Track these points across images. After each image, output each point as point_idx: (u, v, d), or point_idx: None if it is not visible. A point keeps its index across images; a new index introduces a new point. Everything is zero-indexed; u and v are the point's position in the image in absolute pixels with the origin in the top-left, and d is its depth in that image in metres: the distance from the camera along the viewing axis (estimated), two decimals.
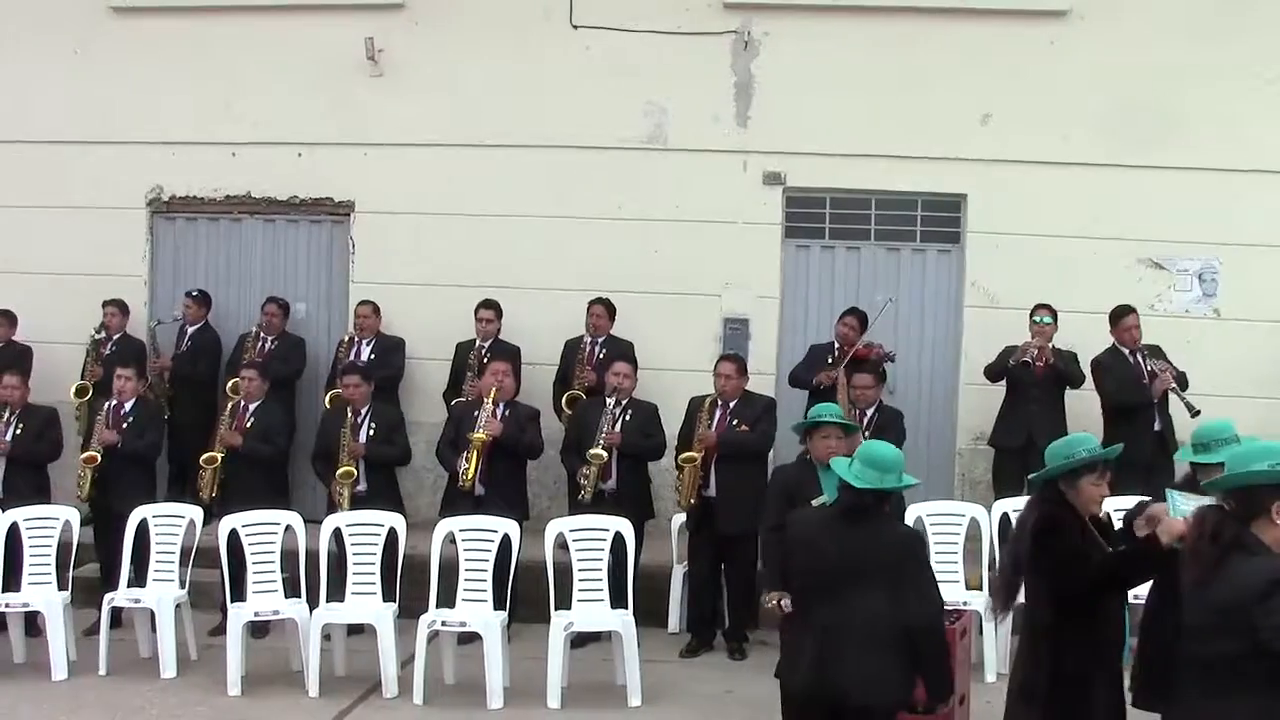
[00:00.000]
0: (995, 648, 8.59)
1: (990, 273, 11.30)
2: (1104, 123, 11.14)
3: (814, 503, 6.87)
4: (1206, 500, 4.81)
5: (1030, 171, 11.19)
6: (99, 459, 9.71)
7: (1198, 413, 9.90)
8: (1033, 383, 10.31)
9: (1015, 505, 8.96)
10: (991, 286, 11.30)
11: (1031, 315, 10.40)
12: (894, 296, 11.28)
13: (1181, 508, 5.14)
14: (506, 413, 9.56)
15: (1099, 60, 11.16)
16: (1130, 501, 5.88)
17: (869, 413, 9.36)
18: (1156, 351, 10.42)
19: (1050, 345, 10.37)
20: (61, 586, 9.23)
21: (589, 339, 11.02)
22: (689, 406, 9.59)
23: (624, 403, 9.59)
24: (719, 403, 9.42)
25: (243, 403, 9.97)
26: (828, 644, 5.43)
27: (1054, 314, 10.41)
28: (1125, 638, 5.59)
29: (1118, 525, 5.63)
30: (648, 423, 9.65)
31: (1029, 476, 5.81)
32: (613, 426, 9.47)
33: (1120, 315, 10.41)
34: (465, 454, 9.37)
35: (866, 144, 11.37)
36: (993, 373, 10.54)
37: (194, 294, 11.87)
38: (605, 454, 9.37)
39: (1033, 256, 11.14)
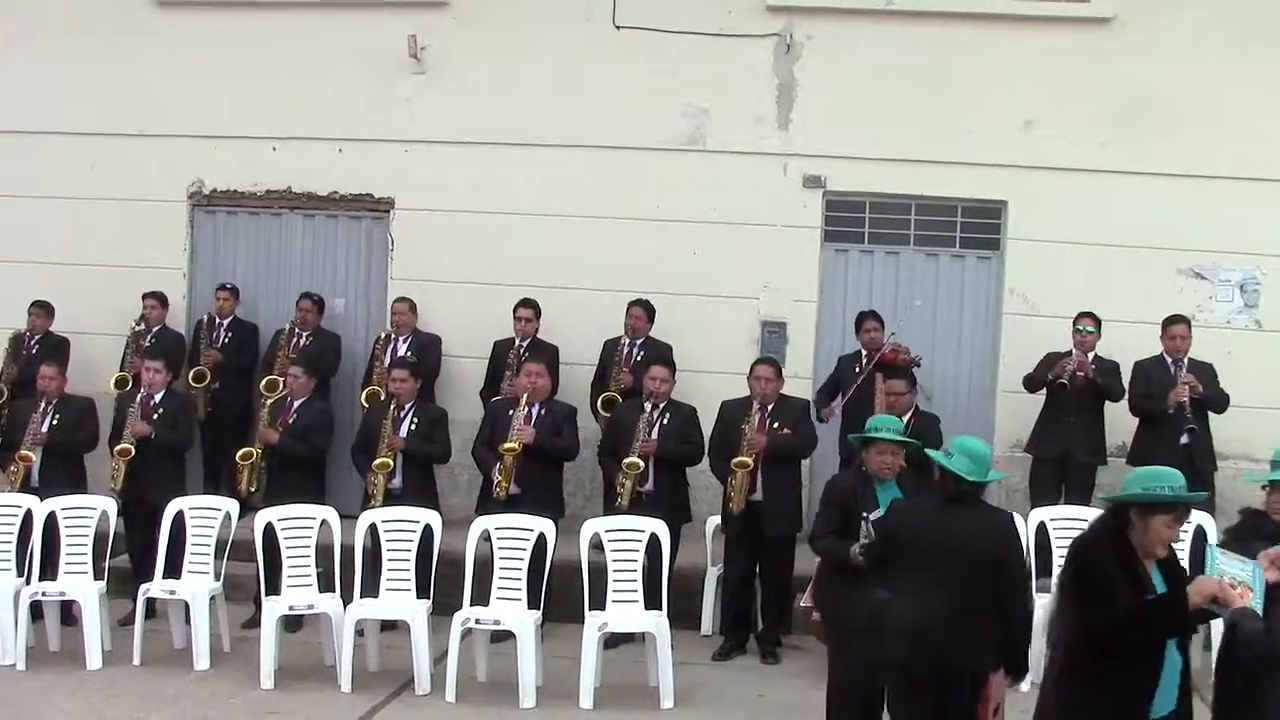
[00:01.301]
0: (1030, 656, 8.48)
1: (1029, 280, 11.26)
2: (1146, 131, 11.08)
3: (870, 517, 6.81)
4: (1251, 564, 4.67)
5: (1071, 179, 11.15)
6: (133, 451, 9.75)
7: (1193, 431, 9.84)
8: (1072, 394, 10.23)
9: (1052, 515, 8.99)
10: (1030, 294, 11.26)
11: (1074, 324, 10.34)
12: (920, 302, 11.22)
13: (1221, 567, 4.85)
14: (543, 412, 9.56)
15: (1141, 68, 11.10)
16: None
17: (905, 418, 9.28)
18: (1206, 369, 10.27)
19: (1093, 354, 10.30)
20: (97, 576, 9.29)
21: (627, 340, 11.01)
22: (721, 411, 9.54)
23: (661, 406, 9.56)
24: (756, 406, 9.38)
25: (289, 399, 9.98)
26: (937, 618, 5.78)
27: (1097, 323, 10.34)
28: (1174, 683, 5.11)
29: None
30: (685, 427, 9.61)
31: (1101, 496, 5.74)
32: (650, 432, 9.44)
33: (1169, 324, 10.33)
34: (499, 465, 9.38)
35: (907, 149, 11.34)
36: (1031, 384, 10.48)
37: (228, 287, 11.92)
38: (641, 463, 9.35)
39: (1072, 264, 11.10)
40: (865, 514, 6.81)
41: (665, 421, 9.53)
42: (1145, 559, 5.05)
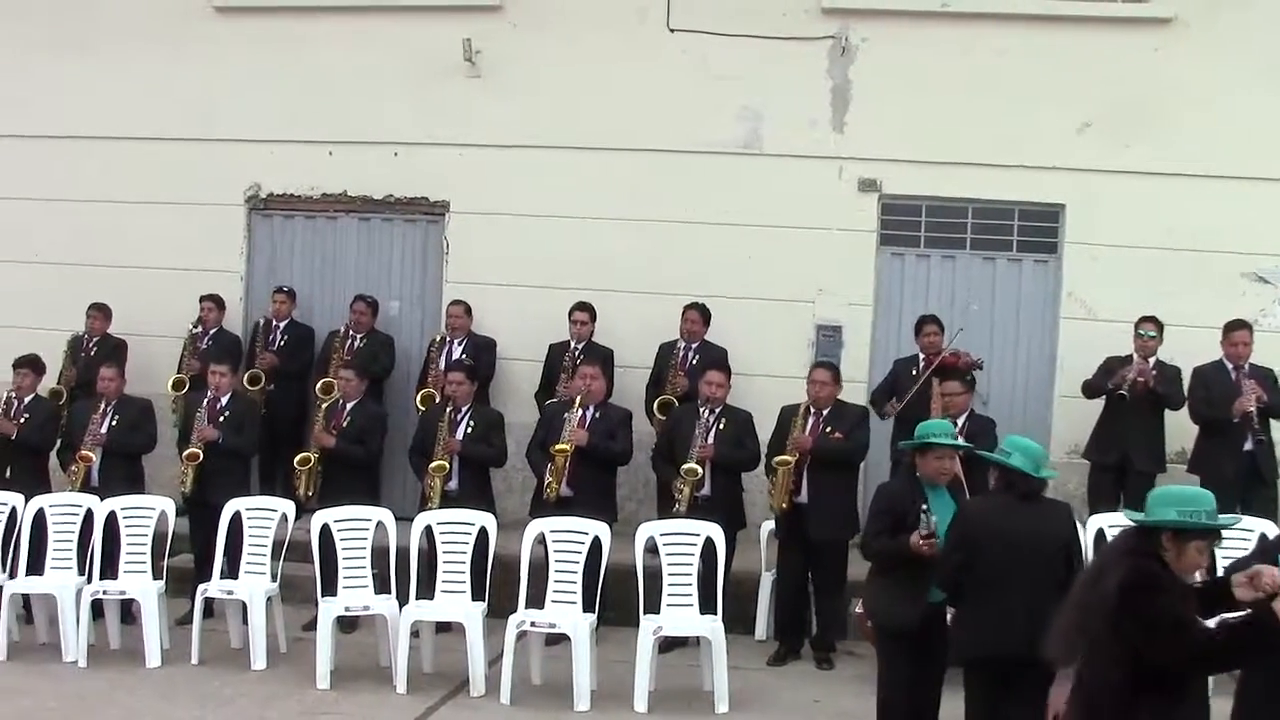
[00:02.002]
0: None
1: (1088, 284, 11.16)
2: (1206, 133, 10.94)
3: (923, 525, 6.76)
4: None
5: (1131, 182, 11.03)
6: (200, 457, 9.82)
7: (1261, 441, 9.73)
8: (1131, 400, 10.12)
9: (1110, 521, 8.88)
10: (1089, 298, 11.15)
11: (1136, 328, 10.24)
12: (975, 306, 11.15)
13: None
14: (597, 415, 9.56)
15: (1202, 68, 10.98)
16: None
17: (960, 421, 9.22)
18: (1267, 375, 10.11)
19: (1154, 359, 10.20)
20: (156, 576, 9.40)
21: (683, 344, 11.00)
22: (780, 416, 9.52)
23: (717, 411, 9.54)
24: (812, 410, 9.34)
25: (341, 401, 10.03)
26: (1024, 611, 5.98)
27: (1159, 327, 10.24)
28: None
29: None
30: (741, 432, 9.57)
31: (1125, 512, 5.65)
32: (707, 437, 9.42)
33: (1231, 329, 10.18)
34: (550, 466, 9.39)
35: (964, 152, 11.27)
36: (1091, 391, 10.38)
37: (285, 290, 11.99)
38: (700, 469, 9.33)
39: (1132, 268, 10.99)
40: (925, 505, 6.76)
41: (721, 427, 9.49)
42: None
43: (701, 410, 9.53)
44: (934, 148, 11.29)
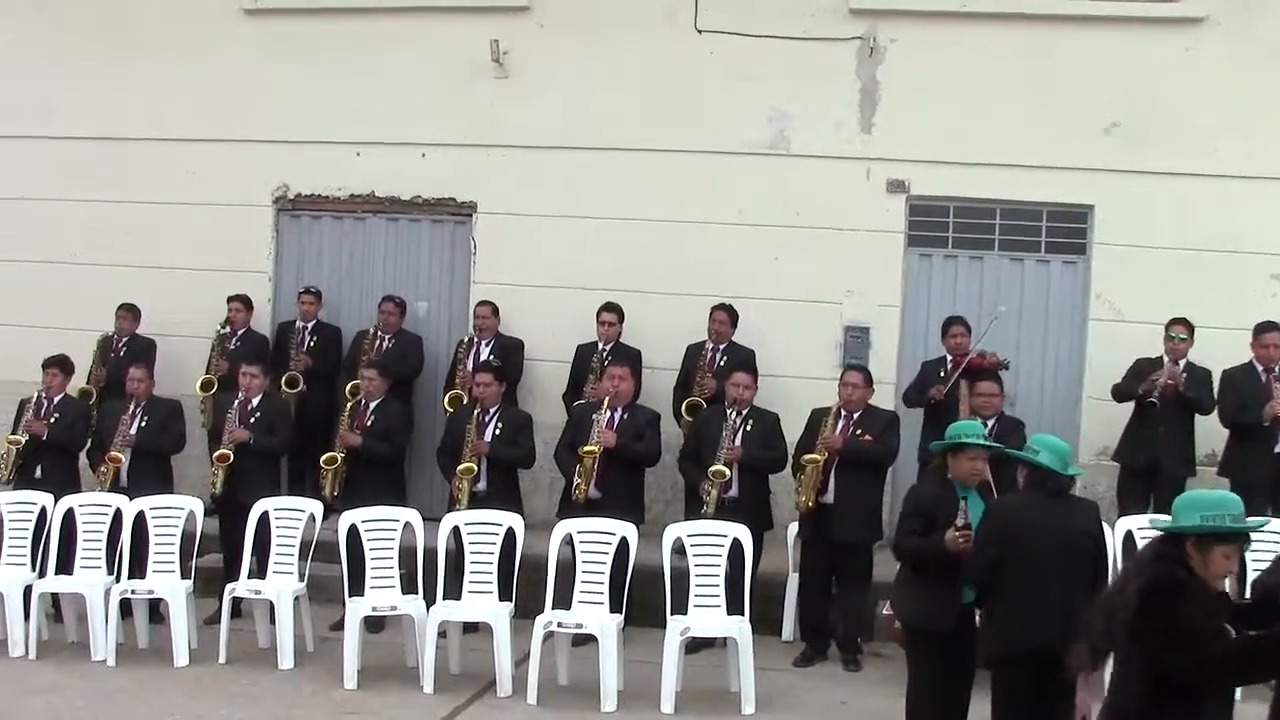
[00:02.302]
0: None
1: (1116, 285, 11.09)
2: (1237, 133, 10.85)
3: (959, 524, 6.74)
4: None
5: (1160, 183, 10.96)
6: (231, 458, 9.85)
7: None
8: (1161, 404, 10.06)
9: (1139, 523, 8.84)
10: (1117, 299, 11.08)
11: (1166, 330, 10.14)
12: (1004, 308, 11.10)
13: None
14: (625, 416, 9.56)
15: (1234, 68, 10.90)
16: None
17: (989, 422, 9.19)
18: None
19: (1184, 362, 10.14)
20: (184, 575, 9.44)
21: (710, 345, 10.97)
22: (810, 418, 9.49)
23: (744, 413, 9.52)
24: (843, 412, 9.32)
25: (364, 401, 10.04)
26: (1059, 606, 6.05)
27: (1190, 329, 10.14)
28: None
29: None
30: (769, 434, 9.56)
31: (1151, 519, 5.66)
32: (734, 439, 9.41)
33: (1261, 330, 10.08)
34: (579, 468, 9.39)
35: (992, 152, 11.21)
36: (1120, 395, 10.30)
37: (312, 291, 12.02)
38: (727, 471, 9.31)
39: (1161, 270, 10.92)
40: (963, 497, 6.77)
41: (749, 428, 9.48)
42: None
43: (728, 412, 9.52)
44: (962, 148, 11.23)
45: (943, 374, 10.31)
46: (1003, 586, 6.34)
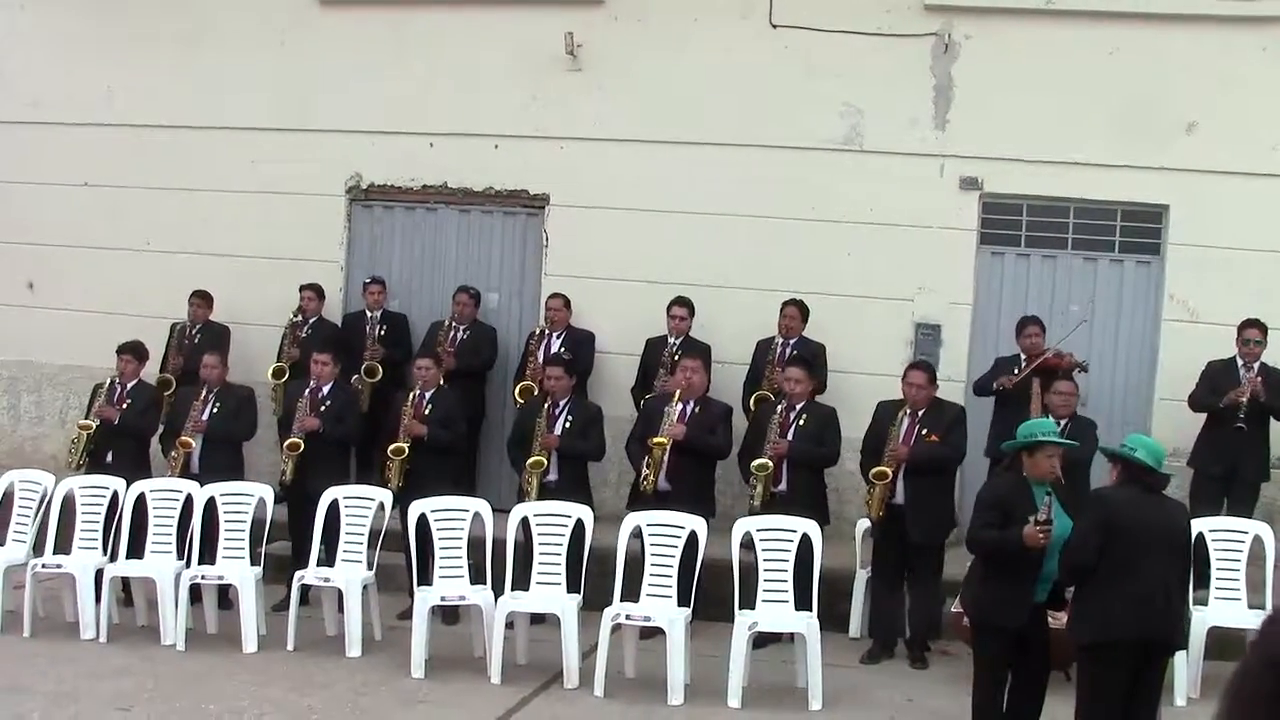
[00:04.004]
0: (1187, 670, 8.27)
1: (1191, 286, 10.96)
2: None
3: (1040, 518, 6.71)
4: None
5: (1237, 183, 10.82)
6: (301, 446, 9.90)
7: None
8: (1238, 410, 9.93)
9: (1211, 526, 8.79)
10: (1192, 300, 10.95)
11: (1240, 332, 10.02)
12: (1089, 313, 10.98)
13: None
14: (697, 410, 9.53)
15: None
16: None
17: (1063, 422, 9.10)
18: None
19: (1258, 364, 10.00)
20: (254, 562, 9.50)
21: (781, 340, 10.94)
22: (876, 412, 9.45)
23: (799, 407, 9.47)
24: (908, 411, 9.26)
25: (419, 390, 10.05)
26: (1157, 596, 6.37)
27: (1264, 331, 10.01)
28: None
29: None
30: (823, 428, 9.51)
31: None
32: (786, 433, 9.38)
33: None
34: (647, 459, 9.37)
35: (1066, 151, 11.11)
36: (1197, 406, 10.14)
37: (377, 279, 12.09)
38: (770, 465, 9.29)
39: (1237, 271, 10.78)
40: (1049, 490, 6.80)
41: (802, 423, 9.43)
42: None
43: (779, 407, 9.48)
44: (1036, 147, 11.14)
45: (1016, 371, 10.22)
46: (1104, 575, 6.43)
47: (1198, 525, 8.72)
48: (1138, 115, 11.00)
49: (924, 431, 9.19)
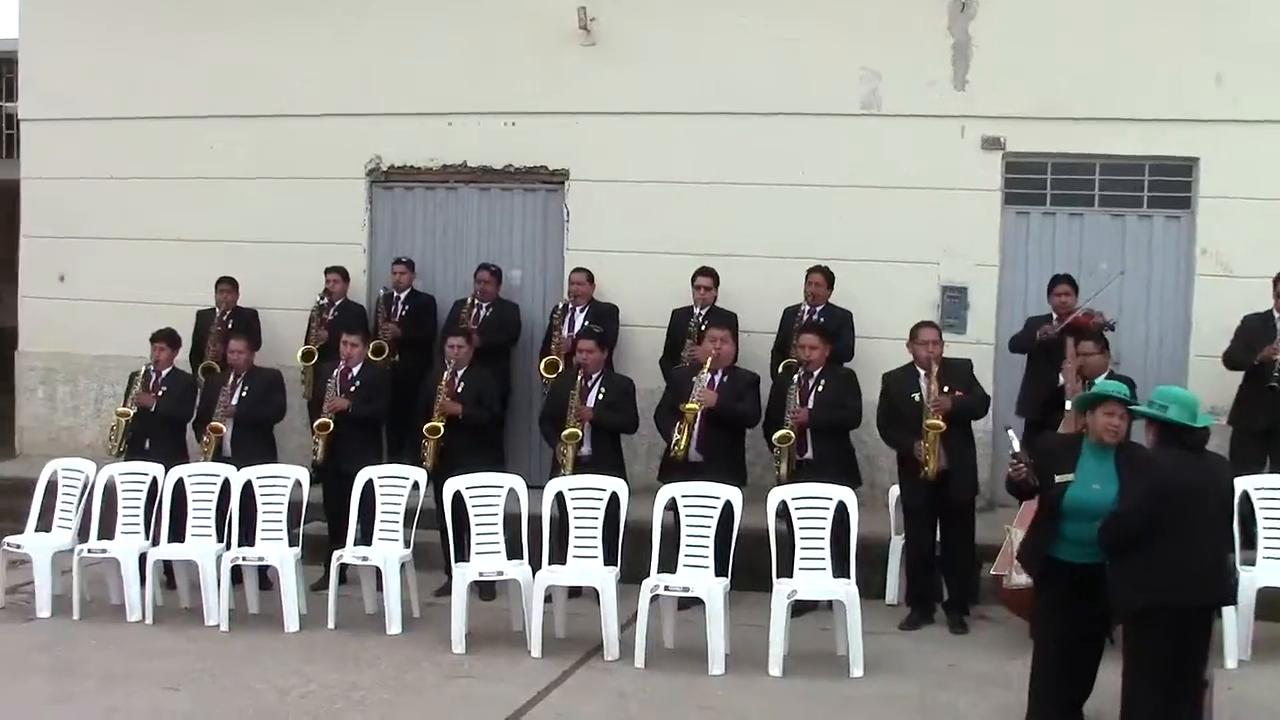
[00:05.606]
0: (1237, 632, 8.21)
1: (1223, 240, 10.87)
2: None
3: (1059, 479, 6.71)
4: None
5: (1268, 132, 10.69)
6: (331, 426, 9.93)
7: None
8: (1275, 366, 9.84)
9: (1256, 484, 8.74)
10: (1224, 254, 10.87)
11: (1276, 285, 9.90)
12: (1123, 270, 10.91)
13: None
14: (725, 379, 9.50)
15: None
16: None
17: (1099, 381, 9.03)
18: None
19: None
20: (292, 543, 9.54)
21: (807, 307, 10.91)
22: (885, 383, 9.38)
23: (816, 373, 9.43)
24: (934, 369, 9.11)
25: (453, 368, 10.06)
26: (1206, 560, 6.31)
27: None
28: None
29: None
30: (843, 391, 9.46)
31: None
32: (803, 401, 9.34)
33: None
34: (679, 425, 9.36)
35: (1090, 106, 11.01)
36: (1232, 363, 10.06)
37: (404, 261, 12.09)
38: (792, 434, 9.24)
39: (1269, 222, 10.66)
40: (1007, 426, 7.03)
41: (820, 389, 9.40)
42: None
43: (796, 374, 9.47)
44: (1059, 103, 11.05)
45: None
46: (1150, 539, 6.26)
47: (1242, 484, 8.64)
48: (1164, 66, 10.90)
49: (945, 389, 9.11)
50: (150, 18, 12.97)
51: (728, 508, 8.65)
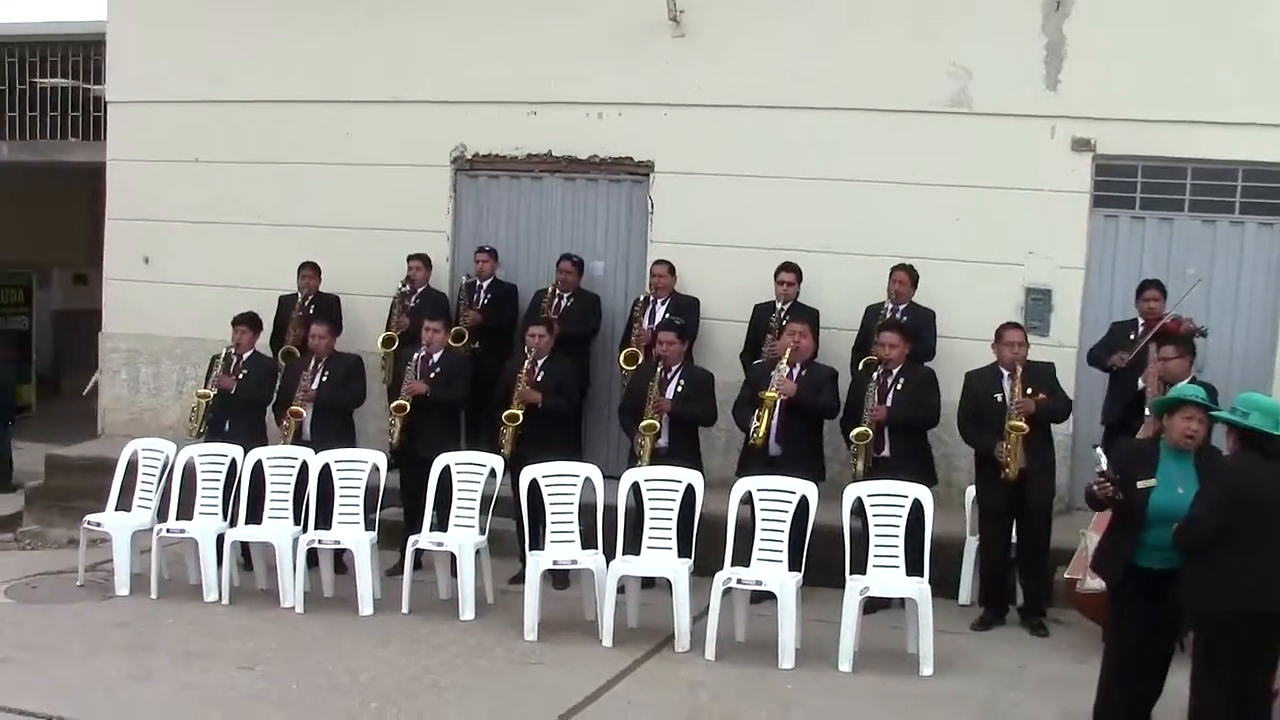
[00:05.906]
0: None
1: None
2: None
3: (1141, 484, 6.62)
4: None
5: None
6: (408, 408, 10.00)
7: None
8: None
9: None
10: None
11: None
12: (1201, 277, 10.73)
13: None
14: (804, 373, 9.48)
15: None
16: None
17: (1178, 385, 8.89)
18: None
19: None
20: (368, 527, 9.63)
21: (890, 305, 10.83)
22: (968, 382, 9.35)
23: (895, 371, 9.40)
24: (1018, 370, 9.07)
25: (533, 357, 10.07)
26: None
27: None
28: None
29: None
30: (922, 389, 9.43)
31: None
32: (881, 398, 9.31)
33: None
34: (758, 412, 9.34)
35: (1183, 109, 10.79)
36: None
37: (487, 249, 12.14)
38: (870, 432, 9.22)
39: None
40: (1095, 444, 6.85)
41: (900, 387, 9.37)
42: None
43: (875, 372, 9.43)
44: (1151, 106, 10.85)
45: (1133, 336, 10.04)
46: (1226, 545, 6.21)
47: None
48: (1260, 69, 10.67)
49: (1028, 391, 9.03)
50: (238, 1, 13.12)
51: (803, 502, 8.63)
